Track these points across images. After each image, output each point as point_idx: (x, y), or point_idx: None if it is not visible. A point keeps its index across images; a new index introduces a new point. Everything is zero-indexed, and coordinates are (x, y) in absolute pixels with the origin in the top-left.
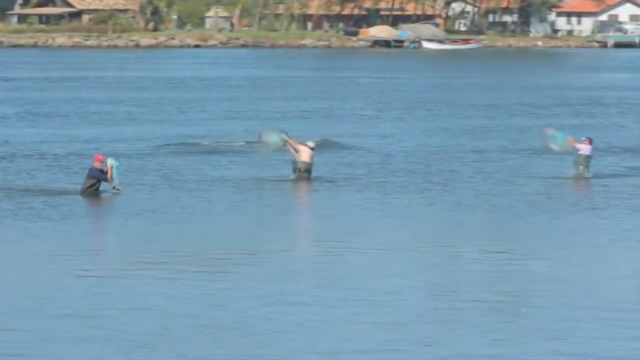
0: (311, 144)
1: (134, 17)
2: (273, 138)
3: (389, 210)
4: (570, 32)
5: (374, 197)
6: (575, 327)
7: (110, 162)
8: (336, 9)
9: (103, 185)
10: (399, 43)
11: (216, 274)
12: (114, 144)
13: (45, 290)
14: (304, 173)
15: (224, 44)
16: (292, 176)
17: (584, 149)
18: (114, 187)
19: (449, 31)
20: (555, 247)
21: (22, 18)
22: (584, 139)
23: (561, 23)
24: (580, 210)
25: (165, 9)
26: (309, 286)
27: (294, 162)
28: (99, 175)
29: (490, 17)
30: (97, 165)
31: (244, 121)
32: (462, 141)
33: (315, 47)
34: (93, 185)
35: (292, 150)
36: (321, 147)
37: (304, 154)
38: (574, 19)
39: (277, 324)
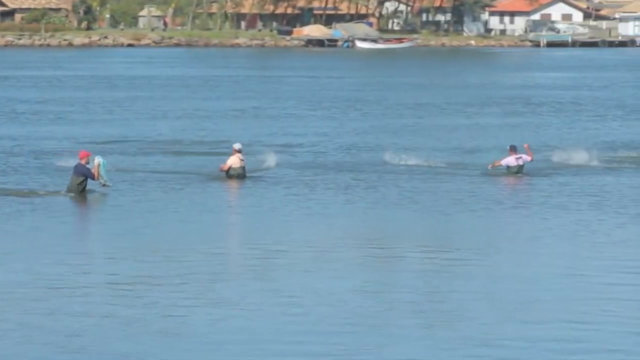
0: (237, 146)
1: (66, 16)
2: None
3: (317, 209)
4: (503, 32)
5: (303, 196)
6: (500, 330)
7: (97, 160)
8: (270, 8)
9: (90, 184)
10: (332, 42)
11: (141, 274)
12: (41, 142)
13: None
14: (239, 177)
15: (157, 43)
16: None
17: (510, 160)
18: (103, 185)
19: (383, 30)
20: (479, 245)
21: None
22: (507, 148)
23: (494, 22)
24: (505, 208)
25: (98, 8)
26: (235, 287)
27: (227, 172)
28: (86, 172)
29: (424, 16)
30: (83, 161)
31: (173, 120)
32: (393, 140)
33: (249, 46)
34: (81, 183)
35: (227, 168)
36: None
37: (235, 163)
38: (506, 18)
39: (203, 327)
